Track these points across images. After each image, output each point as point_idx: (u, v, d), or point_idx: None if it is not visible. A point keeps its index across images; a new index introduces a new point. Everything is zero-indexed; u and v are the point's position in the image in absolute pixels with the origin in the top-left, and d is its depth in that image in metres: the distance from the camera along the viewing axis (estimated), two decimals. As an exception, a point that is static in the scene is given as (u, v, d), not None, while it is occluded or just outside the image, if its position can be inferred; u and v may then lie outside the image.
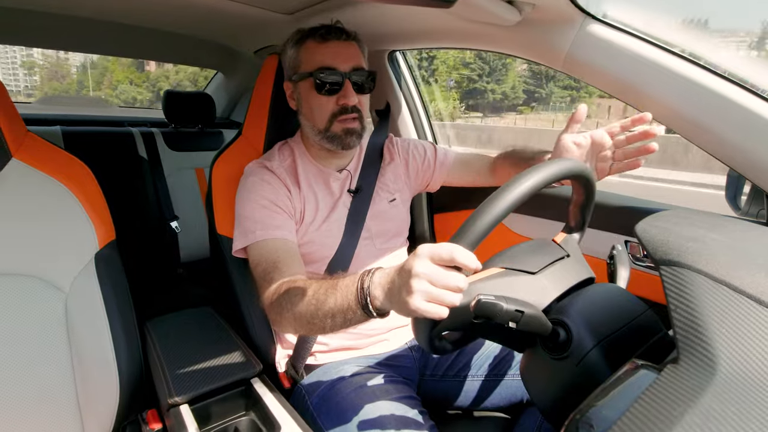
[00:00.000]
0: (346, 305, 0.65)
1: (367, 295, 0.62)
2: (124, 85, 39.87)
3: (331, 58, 0.94)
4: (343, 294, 0.66)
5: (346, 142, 0.97)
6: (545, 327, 0.55)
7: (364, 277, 0.64)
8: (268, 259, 0.86)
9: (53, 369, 0.79)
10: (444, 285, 0.53)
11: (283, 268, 0.84)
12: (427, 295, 0.53)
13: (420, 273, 0.53)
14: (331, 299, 0.67)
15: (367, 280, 0.63)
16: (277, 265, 0.84)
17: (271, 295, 0.80)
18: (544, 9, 0.84)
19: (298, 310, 0.72)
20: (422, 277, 0.53)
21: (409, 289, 0.54)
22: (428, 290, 0.53)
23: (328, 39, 0.95)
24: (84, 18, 1.52)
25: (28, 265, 0.78)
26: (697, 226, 0.54)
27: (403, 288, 0.55)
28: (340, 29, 0.97)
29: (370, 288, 0.62)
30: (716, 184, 7.50)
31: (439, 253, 0.53)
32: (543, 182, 0.57)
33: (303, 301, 0.72)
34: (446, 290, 0.53)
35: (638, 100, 0.82)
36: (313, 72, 0.94)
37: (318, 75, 0.93)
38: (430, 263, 0.53)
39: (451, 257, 0.52)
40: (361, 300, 0.63)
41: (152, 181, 1.88)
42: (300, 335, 0.97)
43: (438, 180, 1.19)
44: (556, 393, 0.57)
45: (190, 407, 0.80)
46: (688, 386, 0.39)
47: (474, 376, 0.99)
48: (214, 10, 1.33)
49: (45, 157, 0.84)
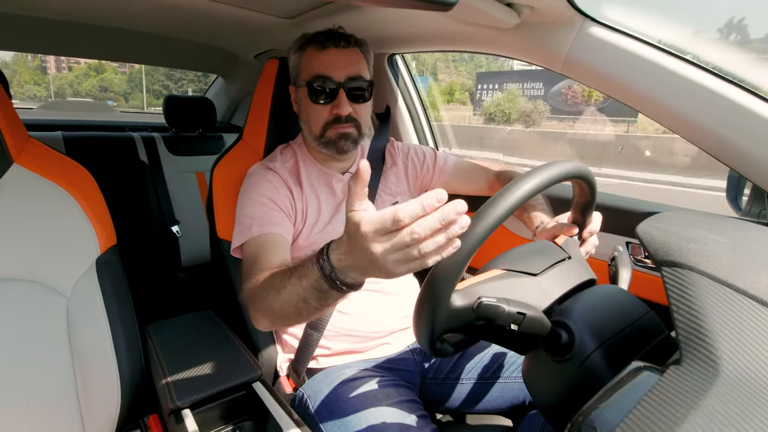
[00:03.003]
0: (315, 286, 0.58)
1: (336, 278, 0.55)
2: (29, 85, 44.94)
3: (327, 67, 0.95)
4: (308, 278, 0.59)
5: (340, 146, 0.98)
6: (547, 329, 0.55)
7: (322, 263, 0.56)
8: (253, 254, 0.85)
9: (54, 374, 0.78)
10: (414, 240, 0.45)
11: (261, 262, 0.82)
12: (401, 261, 0.47)
13: (377, 251, 0.47)
14: (296, 286, 0.61)
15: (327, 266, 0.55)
16: (257, 259, 0.83)
17: (247, 290, 0.78)
18: (543, 11, 0.84)
19: (268, 302, 0.68)
20: (387, 250, 0.47)
21: (380, 264, 0.48)
22: (399, 258, 0.47)
23: (326, 46, 0.96)
24: (84, 24, 1.53)
25: (29, 270, 0.78)
26: (699, 227, 0.54)
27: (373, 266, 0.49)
28: (342, 35, 0.98)
29: (335, 270, 0.55)
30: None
31: (386, 226, 0.46)
32: (546, 184, 0.57)
33: (272, 292, 0.67)
34: (414, 245, 0.46)
35: (638, 102, 0.82)
36: (308, 81, 0.95)
37: (313, 84, 0.94)
38: (383, 236, 0.47)
39: (408, 219, 0.45)
40: (328, 281, 0.56)
41: (153, 185, 1.89)
42: (303, 338, 0.97)
43: (437, 185, 1.19)
44: (559, 395, 0.56)
45: (192, 412, 0.79)
46: (690, 388, 0.39)
47: (476, 378, 0.99)
48: (215, 14, 1.33)
49: (46, 162, 0.84)
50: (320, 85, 0.94)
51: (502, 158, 13.51)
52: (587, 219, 0.77)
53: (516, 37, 0.93)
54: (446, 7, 0.73)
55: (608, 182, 9.86)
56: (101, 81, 46.22)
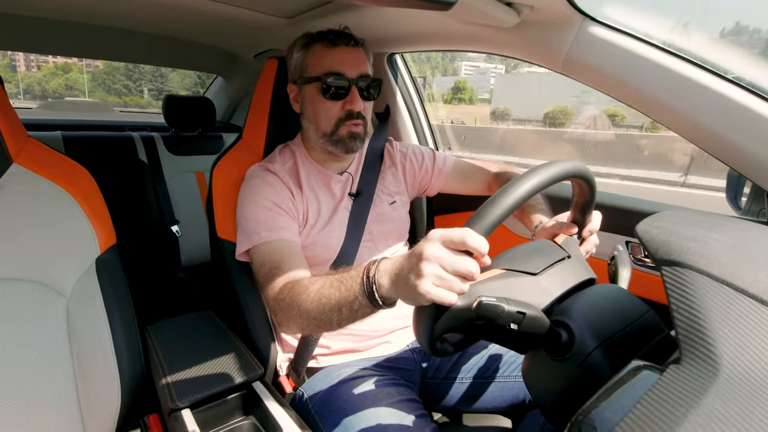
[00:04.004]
0: (352, 296, 0.64)
1: (373, 283, 0.61)
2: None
3: (339, 64, 0.95)
4: (348, 285, 0.65)
5: (350, 146, 0.97)
6: (547, 328, 0.55)
7: (370, 266, 0.63)
8: (273, 260, 0.86)
9: (54, 373, 0.78)
10: (454, 270, 0.52)
11: (286, 268, 0.83)
12: (437, 279, 0.52)
13: (431, 256, 0.52)
14: (336, 292, 0.67)
15: (373, 268, 0.62)
16: (281, 266, 0.84)
17: (276, 295, 0.79)
18: (543, 11, 0.84)
19: (305, 307, 0.71)
20: (433, 261, 0.52)
21: (419, 272, 0.53)
22: (438, 274, 0.52)
23: (337, 44, 0.96)
24: (84, 23, 1.53)
25: (29, 269, 0.78)
26: (698, 226, 0.54)
27: (413, 272, 0.54)
28: (349, 35, 0.98)
29: (376, 276, 0.61)
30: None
31: (450, 237, 0.52)
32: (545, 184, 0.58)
33: (309, 297, 0.71)
34: (456, 276, 0.52)
35: (638, 102, 0.82)
36: (320, 76, 0.94)
37: (326, 79, 0.94)
38: (441, 247, 0.53)
39: (463, 240, 0.51)
40: (366, 288, 0.62)
41: (153, 185, 1.88)
42: (303, 337, 0.97)
43: (435, 186, 1.19)
44: (558, 394, 0.57)
45: (192, 412, 0.80)
46: (690, 387, 0.39)
47: (476, 378, 0.99)
48: (214, 14, 1.33)
49: (46, 162, 0.84)
50: (334, 81, 0.94)
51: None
52: (587, 218, 0.77)
53: (516, 36, 0.93)
54: (446, 7, 0.73)
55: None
56: (67, 80, 48.81)
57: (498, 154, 13.09)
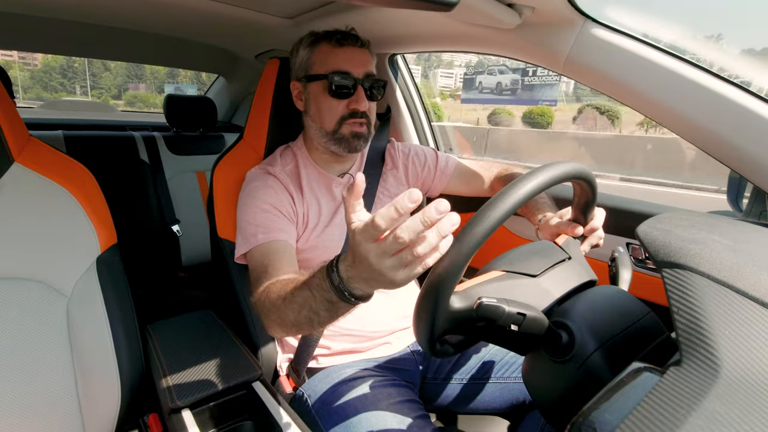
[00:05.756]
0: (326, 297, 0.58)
1: (344, 290, 0.55)
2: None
3: (346, 63, 0.95)
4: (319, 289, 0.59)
5: (353, 146, 0.97)
6: (547, 329, 0.54)
7: (330, 273, 0.56)
8: (263, 263, 0.85)
9: (55, 373, 0.79)
10: (408, 241, 0.45)
11: (271, 271, 0.82)
12: (398, 261, 0.47)
13: (372, 260, 0.47)
14: (308, 298, 0.61)
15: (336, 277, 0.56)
16: (266, 268, 0.83)
17: (257, 298, 0.77)
18: (544, 12, 0.84)
19: (282, 313, 0.68)
20: (377, 255, 0.47)
21: (380, 272, 0.48)
22: (396, 259, 0.47)
23: (343, 44, 0.96)
24: (85, 23, 1.53)
25: (29, 269, 0.78)
26: (699, 228, 0.54)
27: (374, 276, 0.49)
28: (356, 36, 0.98)
29: (343, 282, 0.55)
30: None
31: (371, 233, 0.47)
32: (546, 185, 0.57)
33: (284, 303, 0.67)
34: (416, 241, 0.45)
35: (638, 103, 0.82)
36: (327, 74, 0.95)
37: (333, 78, 0.94)
38: (372, 244, 0.47)
39: (390, 218, 0.45)
40: (338, 293, 0.56)
41: (154, 184, 1.89)
42: (303, 337, 0.97)
43: (438, 187, 1.19)
44: (559, 396, 0.56)
45: (192, 411, 0.80)
46: (691, 389, 0.39)
47: (476, 379, 0.99)
48: (216, 14, 1.33)
49: (47, 161, 0.84)
50: (340, 79, 0.94)
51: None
52: (588, 219, 0.77)
53: (517, 37, 0.93)
54: (447, 8, 0.73)
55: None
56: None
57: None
